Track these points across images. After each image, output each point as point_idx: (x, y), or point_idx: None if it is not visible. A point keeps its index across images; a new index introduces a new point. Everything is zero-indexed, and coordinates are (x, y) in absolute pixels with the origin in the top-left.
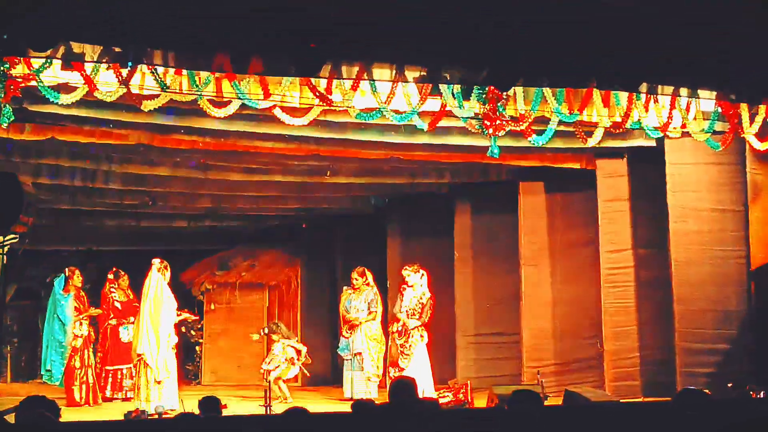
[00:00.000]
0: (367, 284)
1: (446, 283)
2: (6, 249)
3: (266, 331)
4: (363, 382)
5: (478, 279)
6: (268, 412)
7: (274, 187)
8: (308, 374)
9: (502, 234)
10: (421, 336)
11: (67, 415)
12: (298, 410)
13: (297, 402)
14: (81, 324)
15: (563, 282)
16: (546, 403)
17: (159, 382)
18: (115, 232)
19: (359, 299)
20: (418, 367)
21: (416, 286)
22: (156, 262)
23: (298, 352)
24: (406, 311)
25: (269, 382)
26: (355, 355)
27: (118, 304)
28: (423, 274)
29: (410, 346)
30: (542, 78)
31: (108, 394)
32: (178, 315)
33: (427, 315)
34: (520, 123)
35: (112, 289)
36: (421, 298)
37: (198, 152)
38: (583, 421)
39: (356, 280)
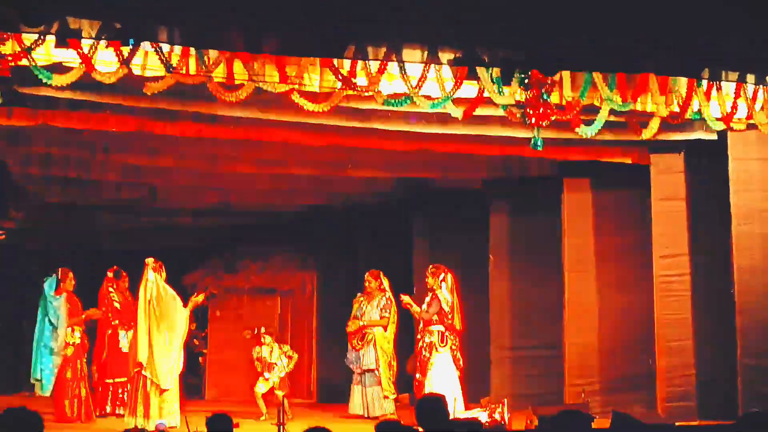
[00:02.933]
0: (381, 289)
1: (479, 289)
2: None
3: (263, 330)
4: (379, 400)
5: (516, 286)
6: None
7: (289, 180)
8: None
9: (543, 236)
10: (439, 343)
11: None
12: (319, 431)
13: (309, 420)
14: (73, 331)
15: (611, 290)
16: (592, 425)
17: (162, 392)
18: (110, 228)
19: (371, 304)
20: (437, 380)
21: (436, 290)
22: (150, 261)
23: (290, 358)
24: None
25: (282, 399)
26: (366, 371)
27: (117, 306)
28: (443, 278)
29: (425, 356)
30: (592, 61)
31: (108, 409)
32: (185, 306)
33: (451, 318)
34: (567, 112)
35: (110, 290)
36: (440, 302)
37: (206, 141)
38: None
39: (369, 282)
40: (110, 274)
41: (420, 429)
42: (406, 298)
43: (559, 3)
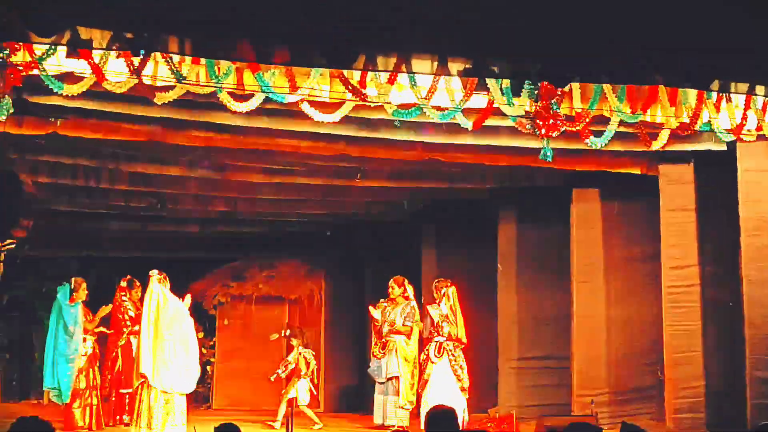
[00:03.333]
0: (406, 297)
1: (487, 299)
2: (2, 256)
3: (287, 333)
4: (395, 409)
5: (523, 296)
6: None
7: (297, 190)
8: (314, 392)
9: (551, 246)
10: (436, 354)
11: None
12: None
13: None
14: (85, 340)
15: (619, 301)
16: None
17: (167, 402)
18: (118, 237)
19: (395, 312)
20: (437, 393)
21: (438, 303)
22: (154, 272)
23: (308, 364)
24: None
25: (289, 407)
26: (390, 379)
27: (131, 314)
28: (444, 292)
29: (425, 367)
30: (602, 73)
31: (125, 419)
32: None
33: (446, 330)
34: (577, 123)
35: (124, 299)
36: (435, 314)
37: (214, 150)
38: None
39: (392, 289)
40: (123, 284)
41: None
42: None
43: (568, 15)
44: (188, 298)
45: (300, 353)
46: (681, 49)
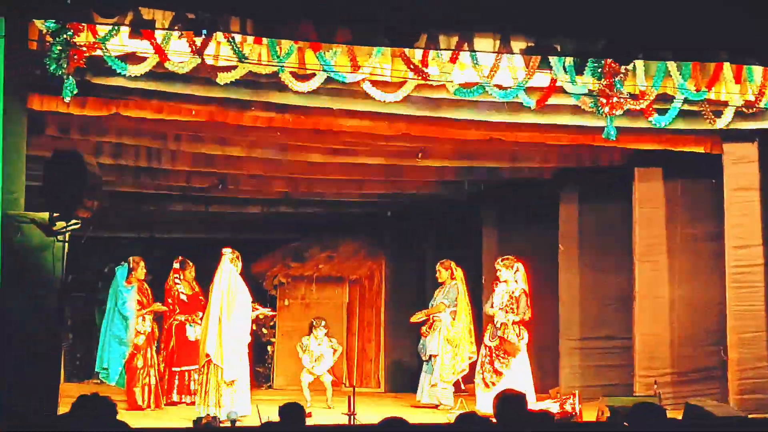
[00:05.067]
0: (453, 278)
1: (549, 280)
2: (68, 236)
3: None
4: (429, 388)
5: (585, 276)
6: (353, 422)
7: (358, 170)
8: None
9: (614, 226)
10: (518, 336)
11: (129, 419)
12: (396, 421)
13: (366, 407)
14: (144, 319)
15: (683, 281)
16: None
17: (231, 384)
18: (180, 217)
19: (441, 294)
20: (517, 373)
21: (509, 281)
22: (227, 251)
23: (335, 351)
24: (499, 308)
25: (351, 387)
26: (431, 357)
27: (184, 297)
28: (517, 269)
29: (506, 348)
30: (666, 50)
31: (175, 398)
32: (254, 309)
33: (525, 311)
34: (640, 101)
35: (177, 281)
36: (513, 293)
37: (276, 130)
38: None
39: (440, 273)
40: (176, 265)
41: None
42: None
43: None
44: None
45: (329, 343)
46: (746, 25)
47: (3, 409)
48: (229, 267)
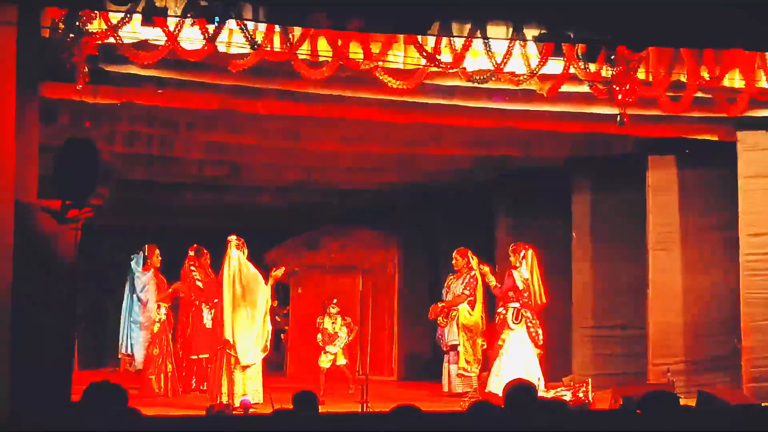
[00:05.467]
0: (469, 267)
1: (562, 268)
2: (80, 224)
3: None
4: (457, 378)
5: (598, 264)
6: (365, 409)
7: (371, 158)
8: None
9: (627, 214)
10: (513, 320)
11: (145, 407)
12: (408, 409)
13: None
14: (159, 307)
15: (696, 269)
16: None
17: (245, 368)
18: (192, 206)
19: (457, 283)
20: (516, 358)
21: (519, 268)
22: (232, 239)
23: (350, 329)
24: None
25: (364, 375)
26: (452, 347)
27: (200, 284)
28: (524, 255)
29: (500, 332)
30: (679, 37)
31: (193, 385)
32: (266, 283)
33: (528, 296)
34: (653, 88)
35: (192, 268)
36: (518, 279)
37: (289, 118)
38: (725, 427)
39: (456, 261)
40: (191, 253)
41: None
42: (484, 268)
43: None
44: (281, 270)
45: (344, 322)
46: (760, 12)
47: (16, 398)
48: (236, 254)
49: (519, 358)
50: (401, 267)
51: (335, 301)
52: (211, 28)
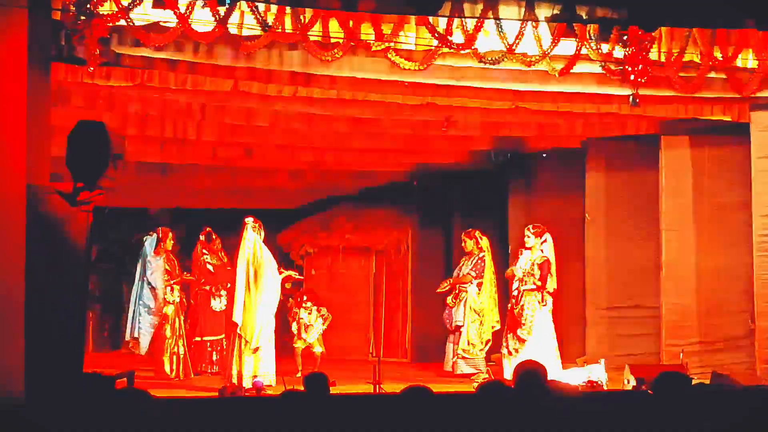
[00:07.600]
0: (479, 248)
1: (575, 249)
2: (92, 206)
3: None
4: (461, 358)
5: (612, 245)
6: (377, 390)
7: (384, 139)
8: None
9: (641, 194)
10: (539, 302)
11: (157, 389)
12: (419, 389)
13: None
14: (172, 290)
15: (710, 250)
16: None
17: (256, 350)
18: (206, 189)
19: (467, 264)
20: (540, 339)
21: (535, 249)
22: (249, 220)
23: (325, 319)
24: (522, 273)
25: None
26: (457, 328)
27: (210, 268)
28: (545, 239)
29: (527, 315)
30: (692, 17)
31: (202, 367)
32: (280, 273)
33: (548, 281)
34: (666, 68)
35: (203, 252)
36: (536, 261)
37: (301, 100)
38: (740, 408)
39: (465, 243)
40: (202, 237)
41: None
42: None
43: None
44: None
45: (318, 313)
46: None
47: (30, 381)
48: (253, 236)
49: (547, 340)
50: (414, 248)
51: (305, 297)
52: (222, 9)
